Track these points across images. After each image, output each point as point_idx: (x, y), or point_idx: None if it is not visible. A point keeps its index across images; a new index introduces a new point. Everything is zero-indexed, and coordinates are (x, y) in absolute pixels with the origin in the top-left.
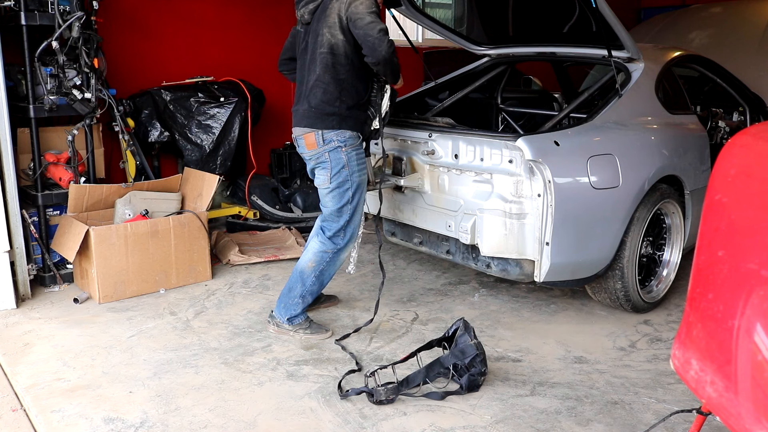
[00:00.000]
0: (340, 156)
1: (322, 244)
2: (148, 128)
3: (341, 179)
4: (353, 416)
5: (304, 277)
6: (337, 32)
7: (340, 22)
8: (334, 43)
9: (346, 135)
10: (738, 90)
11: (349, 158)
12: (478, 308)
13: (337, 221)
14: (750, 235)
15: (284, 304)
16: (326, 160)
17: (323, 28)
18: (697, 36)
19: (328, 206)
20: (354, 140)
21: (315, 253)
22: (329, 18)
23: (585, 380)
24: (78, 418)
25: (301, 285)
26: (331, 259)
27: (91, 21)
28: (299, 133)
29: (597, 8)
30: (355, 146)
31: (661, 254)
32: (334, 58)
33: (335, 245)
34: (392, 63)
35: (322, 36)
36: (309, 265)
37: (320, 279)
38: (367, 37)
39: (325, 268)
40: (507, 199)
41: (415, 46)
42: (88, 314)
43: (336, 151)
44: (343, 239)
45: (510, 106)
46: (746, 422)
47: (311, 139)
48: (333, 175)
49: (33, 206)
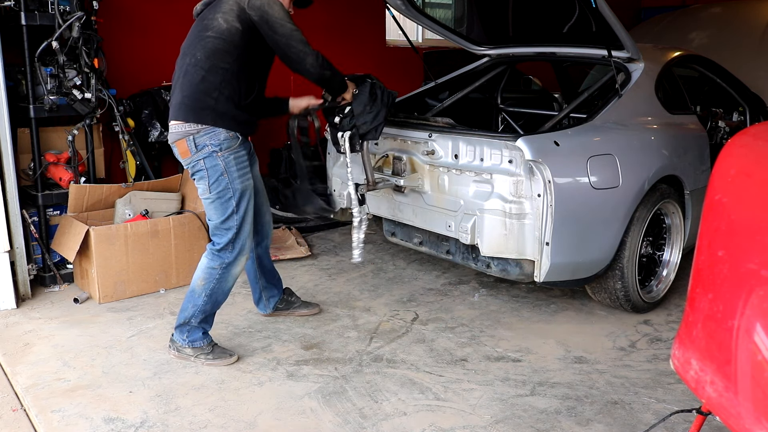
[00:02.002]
0: (216, 162)
1: (210, 260)
2: (148, 128)
3: (221, 188)
4: (353, 416)
5: (195, 296)
6: (233, 19)
7: (240, 11)
8: (226, 29)
9: (221, 137)
10: (738, 90)
11: (227, 163)
12: (478, 308)
13: (225, 234)
14: (750, 235)
15: (182, 327)
16: (202, 168)
17: (216, 14)
18: (697, 36)
19: (212, 219)
20: (231, 142)
21: (203, 269)
22: (224, 4)
23: (585, 380)
24: (78, 418)
25: (192, 305)
26: (222, 276)
27: (91, 21)
28: (172, 139)
29: (597, 8)
30: (233, 149)
31: (661, 254)
32: (222, 44)
33: (222, 260)
34: (326, 78)
35: (213, 21)
36: (199, 283)
37: (212, 298)
38: (290, 49)
39: (216, 286)
40: (507, 199)
41: (415, 46)
42: (88, 314)
43: (211, 156)
44: (231, 253)
45: (510, 106)
46: (746, 422)
47: (183, 146)
48: (212, 183)
49: (33, 206)
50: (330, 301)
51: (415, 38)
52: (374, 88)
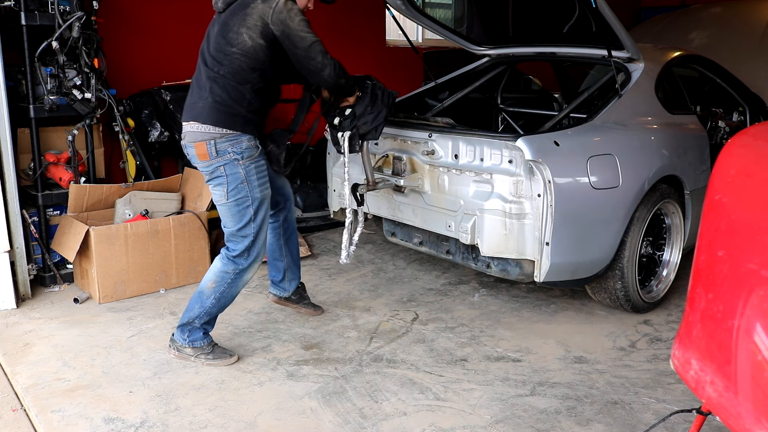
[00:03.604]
0: (237, 170)
1: (225, 265)
2: (148, 128)
3: (240, 195)
4: (353, 416)
5: (203, 297)
6: (257, 35)
7: (263, 27)
8: (251, 47)
9: (243, 145)
10: (738, 90)
11: (248, 172)
12: (478, 308)
13: (241, 241)
14: (750, 235)
15: (185, 326)
16: (221, 174)
17: (241, 27)
18: (697, 36)
19: (228, 226)
20: (252, 151)
21: (216, 273)
22: (249, 18)
23: (585, 380)
24: (78, 418)
25: (199, 306)
26: (233, 281)
27: (91, 21)
28: (191, 139)
29: (597, 8)
30: (254, 158)
31: (661, 254)
32: (248, 62)
33: (237, 266)
34: (340, 86)
35: (238, 35)
36: (209, 285)
37: (221, 301)
38: (309, 61)
39: (225, 290)
40: (507, 199)
41: (415, 46)
42: (88, 314)
43: (232, 164)
44: (246, 260)
45: (510, 106)
46: (746, 422)
47: (202, 149)
48: (230, 190)
49: (33, 206)
50: (330, 301)
51: (415, 38)
52: (375, 89)
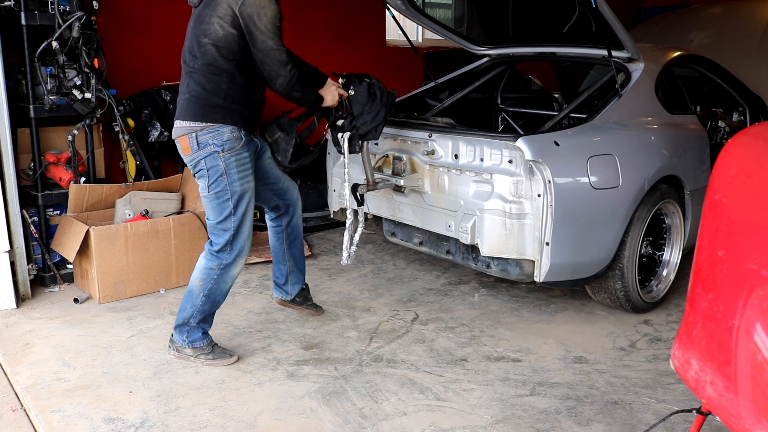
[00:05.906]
0: (216, 162)
1: (208, 261)
2: (148, 128)
3: (219, 188)
4: (353, 416)
5: (193, 296)
6: (228, 25)
7: (233, 17)
8: (222, 36)
9: (224, 137)
10: (738, 90)
11: (227, 165)
12: (478, 308)
13: (222, 235)
14: (750, 235)
15: (181, 327)
16: (202, 167)
17: (212, 17)
18: (697, 36)
19: (210, 218)
20: (234, 143)
21: (201, 270)
22: (219, 7)
23: (585, 380)
24: (78, 418)
25: (190, 305)
26: (219, 277)
27: (91, 21)
28: (176, 134)
29: (597, 8)
30: (235, 150)
31: (661, 254)
32: (220, 51)
33: (221, 261)
34: (292, 97)
35: (210, 25)
36: (197, 284)
37: (210, 298)
38: (264, 66)
39: (213, 287)
40: (507, 199)
41: (415, 46)
42: (88, 314)
43: (212, 156)
44: (230, 254)
45: (510, 106)
46: (746, 422)
47: (185, 142)
48: (210, 183)
49: (33, 206)
50: (330, 301)
51: (415, 38)
52: (372, 88)
